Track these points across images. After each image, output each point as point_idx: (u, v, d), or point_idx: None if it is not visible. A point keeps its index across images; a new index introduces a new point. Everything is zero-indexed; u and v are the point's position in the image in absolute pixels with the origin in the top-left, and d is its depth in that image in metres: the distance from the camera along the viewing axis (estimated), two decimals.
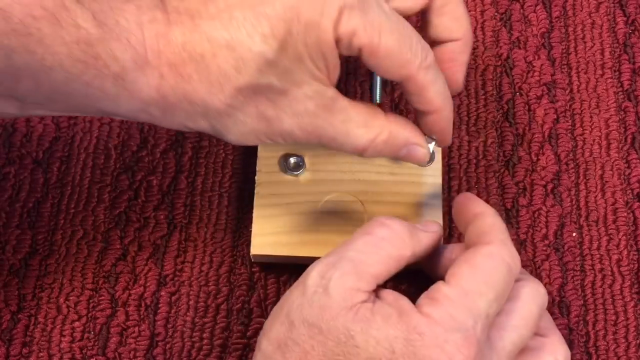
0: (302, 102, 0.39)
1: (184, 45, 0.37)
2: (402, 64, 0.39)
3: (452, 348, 0.36)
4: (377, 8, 0.38)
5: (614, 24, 0.57)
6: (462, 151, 0.53)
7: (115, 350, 0.47)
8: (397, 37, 0.38)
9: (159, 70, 0.38)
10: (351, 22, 0.37)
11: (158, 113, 0.39)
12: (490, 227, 0.41)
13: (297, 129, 0.39)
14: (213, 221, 0.51)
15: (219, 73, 0.37)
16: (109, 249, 0.50)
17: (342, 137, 0.40)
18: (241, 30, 0.37)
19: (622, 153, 0.53)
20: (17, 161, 0.51)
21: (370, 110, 0.41)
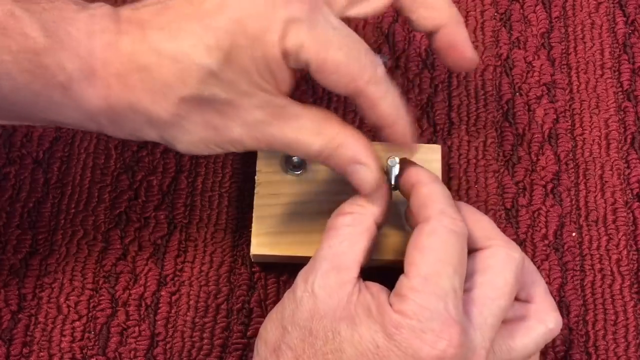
0: (250, 111, 0.39)
1: (131, 55, 0.38)
2: (351, 79, 0.38)
3: (431, 336, 0.36)
4: (325, 22, 0.38)
5: (614, 24, 0.57)
6: (462, 151, 0.53)
7: (116, 350, 0.47)
8: (345, 52, 0.38)
9: (106, 81, 0.38)
10: (298, 36, 0.37)
11: (106, 122, 0.39)
12: (426, 199, 0.40)
13: (248, 137, 0.39)
14: (213, 221, 0.51)
15: (163, 83, 0.38)
16: (109, 249, 0.50)
17: (294, 143, 0.40)
18: (187, 41, 0.37)
19: (621, 153, 0.53)
20: (18, 161, 0.51)
21: (326, 115, 0.40)
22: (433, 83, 0.55)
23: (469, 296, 0.39)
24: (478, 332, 0.38)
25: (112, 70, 0.38)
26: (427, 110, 0.54)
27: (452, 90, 0.55)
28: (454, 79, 0.55)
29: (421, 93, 0.55)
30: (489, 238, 0.41)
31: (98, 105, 0.38)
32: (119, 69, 0.38)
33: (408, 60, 0.56)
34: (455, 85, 0.55)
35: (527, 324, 0.41)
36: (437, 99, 0.55)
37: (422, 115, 0.54)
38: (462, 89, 0.55)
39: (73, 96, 0.38)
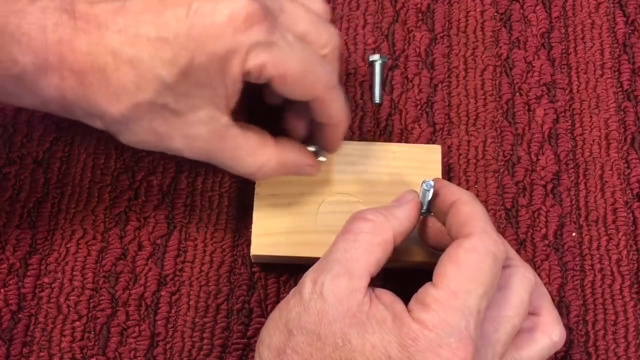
0: (194, 126, 0.41)
1: (88, 55, 0.39)
2: (309, 88, 0.41)
3: (446, 353, 0.36)
4: (283, 40, 0.40)
5: (614, 24, 0.57)
6: (462, 151, 0.53)
7: (116, 350, 0.47)
8: (302, 66, 0.40)
9: (60, 73, 0.39)
10: (259, 58, 0.39)
11: (57, 108, 0.41)
12: (468, 216, 0.40)
13: (187, 149, 0.42)
14: (213, 221, 0.51)
15: (119, 86, 0.39)
16: (109, 249, 0.50)
17: (230, 162, 0.43)
18: (145, 50, 0.38)
19: (621, 153, 0.53)
20: (18, 161, 0.51)
21: (260, 139, 0.43)
22: (433, 83, 0.55)
23: (486, 313, 0.39)
24: (489, 350, 0.38)
25: (67, 65, 0.39)
26: (426, 110, 0.54)
27: (451, 90, 0.55)
28: (453, 79, 0.55)
29: (421, 93, 0.55)
30: (506, 258, 0.41)
31: (51, 94, 0.40)
32: (74, 66, 0.39)
33: (408, 60, 0.56)
34: (455, 85, 0.55)
35: (533, 336, 0.41)
36: (437, 98, 0.55)
37: (422, 115, 0.54)
38: (462, 88, 0.55)
39: (27, 86, 0.39)
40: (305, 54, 0.41)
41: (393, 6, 0.57)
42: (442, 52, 0.56)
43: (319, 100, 0.42)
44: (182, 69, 0.38)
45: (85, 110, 0.40)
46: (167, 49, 0.38)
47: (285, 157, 0.44)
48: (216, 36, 0.38)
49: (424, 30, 0.57)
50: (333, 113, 0.44)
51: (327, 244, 0.41)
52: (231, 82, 0.39)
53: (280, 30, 0.40)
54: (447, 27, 0.57)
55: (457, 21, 0.57)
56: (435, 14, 0.57)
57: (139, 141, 0.42)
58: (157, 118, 0.40)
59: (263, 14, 0.39)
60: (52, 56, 0.38)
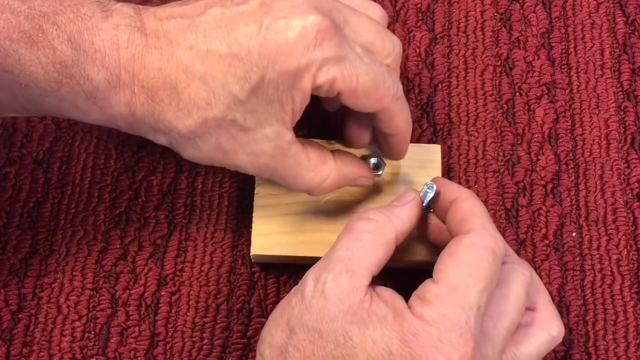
0: (260, 143, 0.41)
1: (159, 71, 0.39)
2: (378, 100, 0.42)
3: (447, 347, 0.36)
4: (352, 53, 0.40)
5: (614, 24, 0.57)
6: (462, 151, 0.53)
7: (116, 350, 0.47)
8: (371, 78, 0.41)
9: (130, 89, 0.40)
10: (330, 73, 0.39)
11: (124, 125, 0.41)
12: (467, 213, 0.41)
13: (250, 166, 0.42)
14: (213, 221, 0.51)
15: (190, 102, 0.40)
16: (109, 249, 0.50)
17: (291, 178, 0.43)
18: (216, 67, 0.39)
19: (621, 153, 0.53)
20: (18, 161, 0.51)
21: (321, 156, 0.43)
22: (433, 83, 0.55)
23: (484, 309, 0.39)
24: (490, 345, 0.38)
25: (138, 81, 0.39)
26: (427, 110, 0.54)
27: (451, 90, 0.55)
28: (453, 79, 0.55)
29: (421, 93, 0.55)
30: None
31: (120, 110, 0.40)
32: (145, 82, 0.39)
33: (408, 60, 0.56)
34: (455, 85, 0.55)
35: (531, 331, 0.41)
36: (437, 98, 0.55)
37: (422, 115, 0.54)
38: (462, 88, 0.55)
39: (97, 103, 0.40)
40: (374, 66, 0.41)
41: (393, 6, 0.57)
42: (442, 52, 0.56)
43: (385, 111, 0.43)
44: (254, 86, 0.39)
45: (153, 126, 0.41)
46: (239, 66, 0.39)
47: (344, 172, 0.44)
48: (288, 53, 0.39)
49: (424, 30, 0.57)
50: (399, 123, 0.44)
51: (327, 243, 0.41)
52: (300, 97, 0.40)
53: (349, 43, 0.40)
54: (447, 27, 0.57)
55: (457, 21, 0.57)
56: (435, 14, 0.57)
57: (203, 157, 0.42)
58: (224, 134, 0.41)
59: (333, 29, 0.39)
60: (124, 73, 0.39)
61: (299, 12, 0.39)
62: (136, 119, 0.41)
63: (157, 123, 0.41)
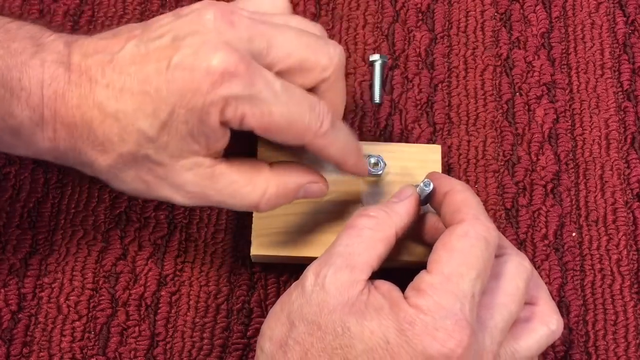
0: (180, 174, 0.41)
1: (77, 108, 0.40)
2: (296, 137, 0.40)
3: (443, 335, 0.36)
4: (266, 91, 0.39)
5: (614, 24, 0.57)
6: (462, 151, 0.53)
7: (116, 350, 0.47)
8: (286, 116, 0.39)
9: (52, 126, 0.40)
10: (239, 110, 0.39)
11: (50, 158, 0.42)
12: (460, 204, 0.41)
13: (179, 196, 0.42)
14: (213, 221, 0.51)
15: (104, 138, 0.40)
16: (109, 249, 0.50)
17: (229, 199, 0.42)
18: (128, 103, 0.39)
19: (621, 153, 0.53)
20: (18, 161, 0.51)
21: (254, 168, 0.42)
22: (432, 83, 0.55)
23: (481, 300, 0.39)
24: (487, 336, 0.38)
25: (59, 119, 0.40)
26: (426, 110, 0.54)
27: (451, 90, 0.55)
28: (453, 79, 0.55)
29: (421, 93, 0.55)
30: (501, 247, 0.42)
31: (45, 146, 0.41)
32: (65, 119, 0.40)
33: (408, 60, 0.56)
34: (455, 85, 0.55)
35: (531, 325, 0.41)
36: (437, 98, 0.55)
37: (422, 115, 0.54)
38: (462, 88, 0.55)
39: (22, 138, 0.41)
40: (294, 101, 0.40)
41: (393, 6, 0.57)
42: (442, 52, 0.56)
43: (310, 146, 0.41)
44: (163, 122, 0.39)
45: (77, 160, 0.42)
46: (149, 103, 0.39)
47: (285, 180, 0.43)
48: (194, 90, 0.38)
49: (424, 30, 0.57)
50: (333, 155, 0.42)
51: (327, 243, 0.41)
52: (211, 132, 0.39)
53: (265, 80, 0.39)
54: (447, 27, 0.57)
55: (457, 21, 0.57)
56: (435, 14, 0.57)
57: (129, 189, 0.43)
58: (142, 168, 0.41)
59: (243, 66, 0.38)
60: (47, 110, 0.40)
61: (208, 48, 0.38)
62: (61, 154, 0.41)
63: (79, 157, 0.41)
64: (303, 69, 0.41)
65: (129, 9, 0.56)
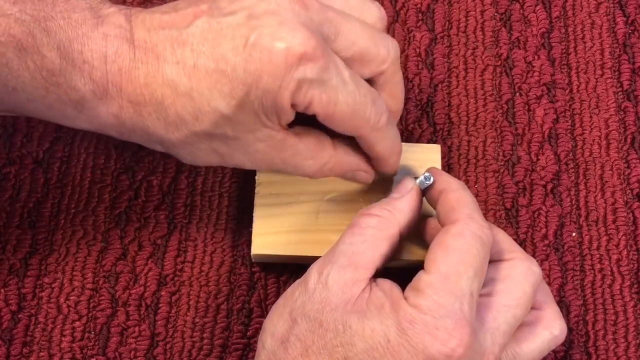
0: (253, 144, 0.41)
1: (146, 86, 0.39)
2: (355, 128, 0.41)
3: (444, 334, 0.36)
4: (336, 78, 0.39)
5: (614, 24, 0.57)
6: (462, 151, 0.53)
7: (116, 350, 0.47)
8: (351, 106, 0.40)
9: (118, 102, 0.40)
10: (308, 94, 0.39)
11: (115, 134, 0.42)
12: (455, 203, 0.41)
13: (249, 162, 0.43)
14: (213, 221, 0.51)
15: (177, 117, 0.40)
16: (109, 249, 0.50)
17: (291, 168, 0.43)
18: (203, 83, 0.39)
19: (621, 153, 0.53)
20: (18, 161, 0.51)
21: (318, 143, 0.43)
22: (433, 83, 0.55)
23: (486, 301, 0.39)
24: (489, 337, 0.38)
25: (125, 95, 0.39)
26: (426, 110, 0.54)
27: (451, 90, 0.55)
28: (453, 79, 0.55)
29: (421, 93, 0.55)
30: (510, 251, 0.42)
31: (110, 121, 0.40)
32: (132, 96, 0.39)
33: (408, 60, 0.56)
34: (455, 85, 0.55)
35: (534, 329, 0.41)
36: (437, 98, 0.55)
37: (422, 115, 0.54)
38: (462, 88, 0.55)
39: (85, 112, 0.40)
40: (359, 93, 0.40)
41: (393, 6, 0.57)
42: (442, 52, 0.56)
43: (364, 139, 0.43)
44: (239, 102, 0.39)
45: (144, 137, 0.41)
46: (226, 82, 0.39)
47: (343, 159, 0.44)
48: (271, 72, 0.38)
49: (424, 30, 0.57)
50: (380, 151, 0.44)
51: (327, 243, 0.41)
52: (282, 111, 0.40)
53: (337, 66, 0.40)
54: (447, 27, 0.57)
55: (457, 21, 0.57)
56: (435, 14, 0.57)
57: (201, 161, 0.43)
58: (216, 142, 0.41)
59: (320, 51, 0.39)
60: (111, 86, 0.39)
61: (287, 29, 0.38)
62: (127, 129, 0.41)
63: (148, 135, 0.41)
64: (364, 60, 0.42)
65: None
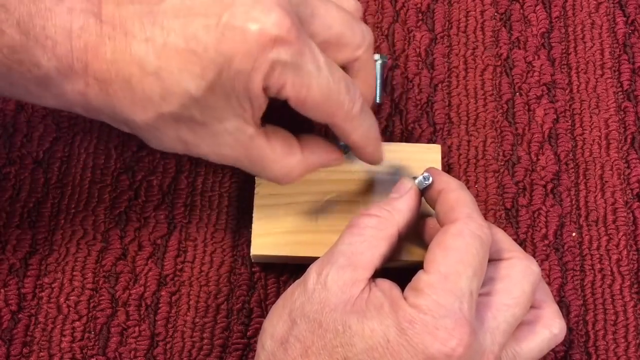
0: (220, 135, 0.40)
1: (113, 63, 0.38)
2: (328, 115, 0.40)
3: (444, 334, 0.36)
4: (311, 63, 0.39)
5: (614, 24, 0.57)
6: (462, 151, 0.53)
7: (116, 350, 0.47)
8: (324, 92, 0.39)
9: (84, 80, 0.38)
10: (281, 77, 0.38)
11: (82, 111, 0.40)
12: (454, 203, 0.41)
13: (213, 155, 0.41)
14: (213, 221, 0.51)
15: (144, 97, 0.38)
16: (109, 249, 0.50)
17: (257, 170, 0.42)
18: (172, 62, 0.37)
19: (621, 153, 0.53)
20: (18, 161, 0.51)
21: (286, 147, 0.42)
22: (432, 83, 0.55)
23: (485, 301, 0.39)
24: (488, 336, 0.38)
25: (91, 72, 0.38)
26: (426, 110, 0.54)
27: (451, 90, 0.55)
28: (453, 79, 0.55)
29: (421, 93, 0.55)
30: (509, 250, 0.42)
31: (75, 98, 0.39)
32: (99, 74, 0.38)
33: (408, 60, 0.56)
34: (455, 85, 0.55)
35: (533, 328, 0.41)
36: (437, 98, 0.55)
37: (422, 115, 0.54)
38: (462, 88, 0.55)
39: (50, 90, 0.39)
40: (331, 79, 0.39)
41: (393, 6, 0.57)
42: (442, 52, 0.56)
43: (338, 127, 0.42)
44: (210, 83, 0.38)
45: (111, 116, 0.40)
46: (196, 62, 0.37)
47: (311, 161, 0.44)
48: (244, 52, 0.37)
49: (424, 30, 0.57)
50: (356, 139, 0.43)
51: (327, 243, 0.41)
52: (254, 96, 0.39)
53: (312, 51, 0.39)
54: (447, 27, 0.57)
55: (457, 21, 0.57)
56: (435, 14, 0.57)
57: (166, 147, 0.42)
58: (183, 127, 0.40)
59: (295, 34, 0.37)
60: (76, 63, 0.37)
61: (261, 8, 0.37)
62: (93, 108, 0.39)
63: (114, 114, 0.39)
64: (339, 44, 0.41)
65: None
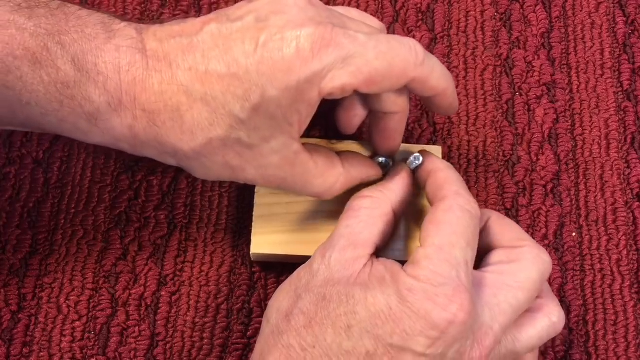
0: (267, 156, 0.41)
1: (161, 94, 0.39)
2: (400, 74, 0.40)
3: (444, 300, 0.37)
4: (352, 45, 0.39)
5: (614, 24, 0.57)
6: (462, 151, 0.53)
7: (116, 350, 0.47)
8: (382, 58, 0.40)
9: (132, 113, 0.40)
10: (336, 78, 0.39)
11: (128, 147, 0.41)
12: (443, 182, 0.43)
13: (260, 178, 0.42)
14: (213, 221, 0.51)
15: (193, 124, 0.40)
16: (109, 249, 0.50)
17: (300, 186, 0.43)
18: (215, 86, 0.39)
19: (621, 153, 0.53)
20: (18, 161, 0.51)
21: (328, 162, 0.43)
22: None
23: (487, 277, 0.41)
24: (487, 311, 0.39)
25: (139, 105, 0.39)
26: (426, 110, 0.54)
27: None
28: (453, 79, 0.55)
29: None
30: (521, 239, 0.43)
31: (123, 133, 0.40)
32: (147, 106, 0.39)
33: None
34: (455, 85, 0.55)
35: (533, 315, 0.42)
36: None
37: (422, 115, 0.54)
38: (462, 88, 0.55)
39: (99, 125, 0.40)
40: (381, 45, 0.40)
41: (393, 6, 0.57)
42: (442, 52, 0.56)
43: (415, 81, 0.41)
44: (254, 104, 0.39)
45: (158, 149, 0.41)
46: (238, 85, 0.39)
47: (352, 175, 0.45)
48: (286, 70, 0.38)
49: (424, 30, 0.57)
50: (434, 85, 0.42)
51: None
52: (305, 108, 0.40)
53: (349, 35, 0.39)
54: (447, 27, 0.57)
55: (457, 21, 0.57)
56: (435, 14, 0.57)
57: (212, 175, 0.43)
58: (230, 152, 0.41)
59: (329, 35, 0.39)
60: (125, 96, 0.39)
61: (294, 25, 0.39)
62: (140, 142, 0.41)
63: (161, 146, 0.41)
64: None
65: (129, 9, 0.56)
